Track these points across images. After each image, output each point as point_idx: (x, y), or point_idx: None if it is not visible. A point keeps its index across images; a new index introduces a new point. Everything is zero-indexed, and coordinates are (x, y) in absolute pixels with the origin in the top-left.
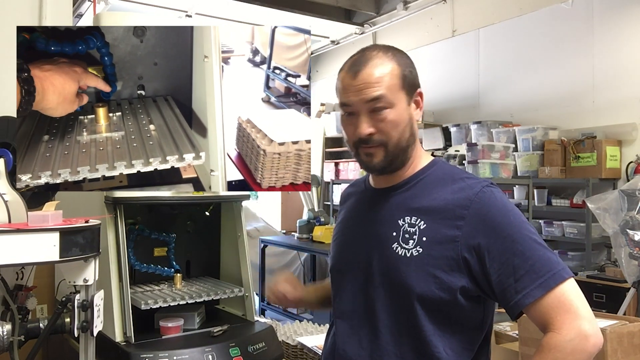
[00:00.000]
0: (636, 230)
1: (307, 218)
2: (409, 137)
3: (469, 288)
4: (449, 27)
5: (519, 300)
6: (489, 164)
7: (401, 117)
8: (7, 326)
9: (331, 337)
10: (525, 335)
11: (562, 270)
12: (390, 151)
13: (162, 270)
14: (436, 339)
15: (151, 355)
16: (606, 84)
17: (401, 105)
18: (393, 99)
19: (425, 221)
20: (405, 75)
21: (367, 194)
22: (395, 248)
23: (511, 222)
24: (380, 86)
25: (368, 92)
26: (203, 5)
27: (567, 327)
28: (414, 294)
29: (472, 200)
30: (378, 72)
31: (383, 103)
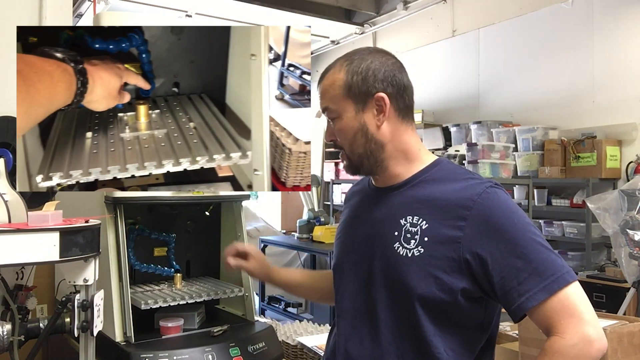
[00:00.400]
0: (636, 230)
1: (307, 218)
2: (364, 144)
3: (470, 289)
4: (449, 27)
5: (522, 303)
6: (489, 164)
7: (348, 125)
8: (7, 326)
9: (333, 337)
10: (525, 335)
11: (566, 273)
12: (348, 157)
13: (162, 270)
14: (437, 340)
15: (151, 355)
16: (606, 84)
17: (348, 114)
18: (337, 108)
19: (427, 221)
20: (350, 85)
21: (369, 193)
22: (396, 248)
23: (515, 224)
24: (324, 99)
25: (320, 104)
26: (203, 5)
27: (570, 331)
28: (414, 294)
29: (475, 201)
30: (324, 86)
31: (330, 113)
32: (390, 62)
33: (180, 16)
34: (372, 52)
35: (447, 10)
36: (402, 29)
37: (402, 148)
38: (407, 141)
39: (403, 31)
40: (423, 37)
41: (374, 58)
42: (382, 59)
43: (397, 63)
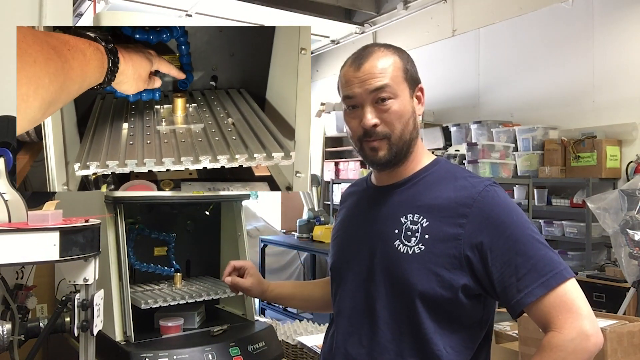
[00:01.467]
0: (636, 230)
1: (307, 217)
2: (412, 130)
3: (471, 286)
4: (449, 27)
5: (521, 299)
6: (489, 164)
7: (405, 108)
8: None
9: (330, 336)
10: (525, 334)
11: (563, 270)
12: (394, 144)
13: (162, 270)
14: (436, 337)
15: (151, 355)
16: (606, 83)
17: (405, 97)
18: (397, 89)
19: (427, 219)
20: (407, 69)
21: (368, 192)
22: (397, 245)
23: (514, 222)
24: (384, 76)
25: (372, 82)
26: (203, 5)
27: (568, 326)
28: (415, 291)
29: (475, 199)
30: (381, 64)
31: (387, 93)
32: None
33: (181, 15)
34: (395, 46)
35: (447, 10)
36: (402, 28)
37: (419, 144)
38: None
39: (403, 31)
40: (423, 36)
41: (404, 51)
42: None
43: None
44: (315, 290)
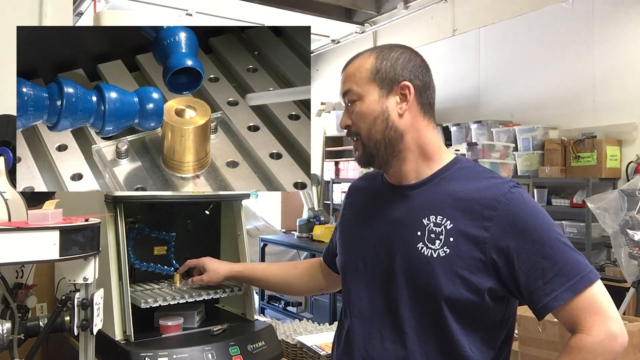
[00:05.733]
0: (636, 230)
1: (307, 217)
2: (384, 130)
3: (496, 289)
4: (449, 27)
5: (548, 303)
6: (489, 164)
7: (369, 108)
8: (6, 324)
9: (344, 337)
10: (525, 334)
11: (590, 272)
12: (365, 144)
13: (162, 269)
14: (462, 338)
15: (151, 354)
16: (606, 83)
17: (371, 98)
18: (361, 91)
19: (451, 221)
20: (379, 69)
21: (383, 190)
22: (420, 248)
23: (540, 225)
24: (349, 81)
25: (341, 87)
26: (203, 4)
27: (597, 328)
28: (441, 295)
29: (500, 201)
30: (351, 69)
31: (350, 96)
32: (420, 59)
33: (181, 15)
34: (403, 47)
35: (447, 10)
36: (402, 28)
37: (421, 142)
38: (426, 136)
39: (403, 30)
40: (423, 36)
41: (405, 51)
42: (412, 54)
43: (425, 63)
44: (290, 273)
